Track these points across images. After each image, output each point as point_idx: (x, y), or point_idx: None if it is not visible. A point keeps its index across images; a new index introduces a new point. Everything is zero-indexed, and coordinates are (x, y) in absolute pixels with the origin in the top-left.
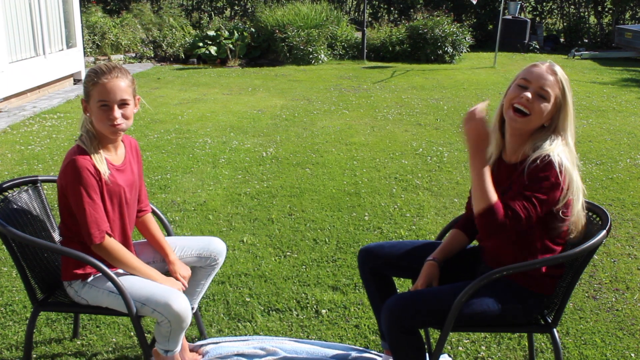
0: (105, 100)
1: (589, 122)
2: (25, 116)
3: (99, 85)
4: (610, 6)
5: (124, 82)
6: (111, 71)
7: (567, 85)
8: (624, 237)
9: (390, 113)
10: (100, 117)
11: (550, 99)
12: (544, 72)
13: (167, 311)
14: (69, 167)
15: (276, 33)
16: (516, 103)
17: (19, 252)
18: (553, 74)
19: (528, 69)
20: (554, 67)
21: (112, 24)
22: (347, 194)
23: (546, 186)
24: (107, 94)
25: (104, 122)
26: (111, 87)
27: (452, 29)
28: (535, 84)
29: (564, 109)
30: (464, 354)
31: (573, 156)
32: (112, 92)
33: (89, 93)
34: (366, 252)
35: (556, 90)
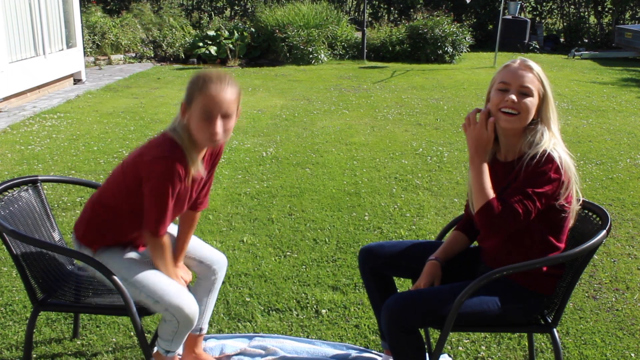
0: (209, 112)
1: (589, 122)
2: (25, 116)
3: (206, 94)
4: (610, 6)
5: (233, 95)
6: (222, 81)
7: (544, 76)
8: (624, 237)
9: (390, 113)
10: (201, 128)
11: (534, 94)
12: (520, 70)
13: (178, 313)
14: (162, 164)
15: (276, 33)
16: (503, 107)
17: (18, 252)
18: (529, 70)
19: (503, 71)
20: (527, 63)
21: (112, 23)
22: (347, 194)
23: (544, 180)
24: (213, 106)
25: (203, 133)
26: (220, 100)
27: (452, 28)
28: (515, 84)
29: (546, 100)
30: (464, 354)
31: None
32: (219, 105)
33: (192, 98)
34: (366, 252)
35: (536, 83)
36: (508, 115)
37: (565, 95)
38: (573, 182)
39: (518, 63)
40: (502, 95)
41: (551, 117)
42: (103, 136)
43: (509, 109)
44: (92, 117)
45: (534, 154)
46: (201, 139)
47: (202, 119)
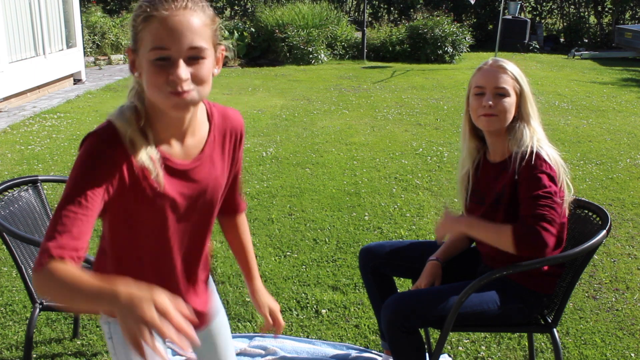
0: (163, 48)
1: (589, 122)
2: (25, 116)
3: (154, 21)
4: (610, 6)
5: (198, 18)
6: (184, 1)
7: (518, 73)
8: (624, 237)
9: (390, 113)
10: (154, 78)
11: (510, 93)
12: (493, 72)
13: None
14: (82, 144)
15: (276, 33)
16: (482, 113)
17: (18, 252)
18: (502, 70)
19: (477, 75)
20: (499, 63)
21: (112, 23)
22: (347, 194)
23: (546, 179)
24: (167, 35)
25: (159, 87)
26: (175, 25)
27: (452, 29)
28: (490, 86)
29: (524, 97)
30: (464, 354)
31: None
32: (176, 33)
33: (137, 35)
34: (367, 252)
35: (510, 82)
36: (488, 117)
37: (565, 95)
38: (562, 174)
39: (490, 64)
40: (479, 100)
41: (530, 113)
42: None
43: (486, 112)
44: (92, 117)
45: (522, 154)
46: (159, 98)
47: (153, 64)
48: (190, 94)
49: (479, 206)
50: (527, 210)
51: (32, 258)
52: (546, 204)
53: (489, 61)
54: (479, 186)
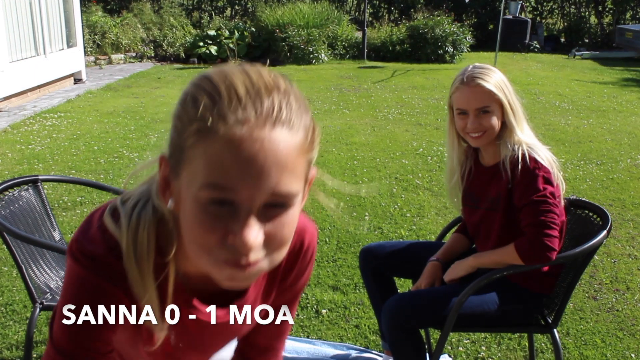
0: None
1: (589, 122)
2: (26, 115)
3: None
4: (610, 6)
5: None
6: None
7: (496, 84)
8: (625, 238)
9: (391, 113)
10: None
11: (493, 108)
12: (471, 94)
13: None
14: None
15: (277, 33)
16: (468, 133)
17: (19, 251)
18: (478, 88)
19: (455, 96)
20: (475, 80)
21: (113, 23)
22: (347, 194)
23: (542, 182)
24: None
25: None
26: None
27: (453, 28)
28: (472, 109)
29: (504, 107)
30: (464, 354)
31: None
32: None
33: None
34: (367, 252)
35: (490, 97)
36: (475, 138)
37: (566, 95)
38: (557, 172)
39: (466, 84)
40: (464, 120)
41: (516, 119)
42: (103, 136)
43: (474, 133)
44: (92, 116)
45: (512, 158)
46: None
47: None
48: (257, 266)
49: (474, 210)
50: (526, 218)
51: (32, 258)
52: (544, 209)
53: (464, 76)
54: (472, 189)
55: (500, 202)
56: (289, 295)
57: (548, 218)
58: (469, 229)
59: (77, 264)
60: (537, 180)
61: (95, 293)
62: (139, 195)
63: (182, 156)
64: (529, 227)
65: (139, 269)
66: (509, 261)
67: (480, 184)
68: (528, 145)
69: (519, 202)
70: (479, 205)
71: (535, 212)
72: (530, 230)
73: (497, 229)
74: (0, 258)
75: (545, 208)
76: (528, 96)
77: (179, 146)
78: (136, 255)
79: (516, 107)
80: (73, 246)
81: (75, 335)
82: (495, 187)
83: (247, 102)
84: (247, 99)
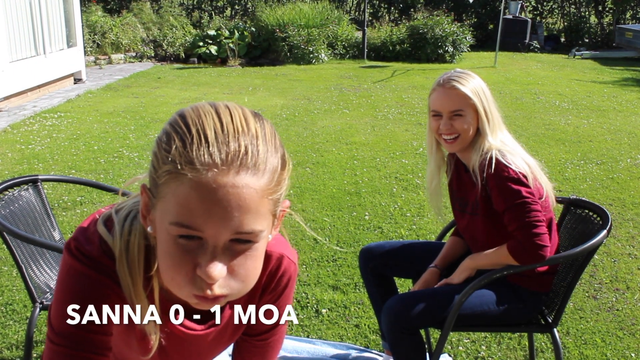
0: (191, 228)
1: (589, 121)
2: (26, 115)
3: (185, 183)
4: (610, 6)
5: (258, 183)
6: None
7: (472, 89)
8: (625, 237)
9: (391, 112)
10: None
11: (467, 112)
12: (446, 96)
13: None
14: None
15: (277, 32)
16: (442, 135)
17: (19, 251)
18: (453, 90)
19: (432, 96)
20: (451, 83)
21: (113, 23)
22: (347, 194)
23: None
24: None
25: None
26: (218, 199)
27: (453, 28)
28: (445, 111)
29: (480, 112)
30: (464, 354)
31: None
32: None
33: (157, 183)
34: (367, 252)
35: (464, 101)
36: (448, 142)
37: (566, 94)
38: (532, 171)
39: (442, 85)
40: (437, 122)
41: (487, 128)
42: (103, 135)
43: (447, 136)
44: (92, 116)
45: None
46: (175, 291)
47: (174, 239)
48: (223, 298)
49: (462, 214)
50: (512, 223)
51: (32, 257)
52: (526, 210)
53: (442, 78)
54: (459, 194)
55: (479, 206)
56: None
57: (532, 218)
58: (461, 232)
59: (74, 261)
60: (509, 183)
61: (94, 285)
62: (132, 206)
63: (157, 190)
64: (517, 231)
65: (131, 275)
66: (505, 262)
67: (465, 187)
68: (498, 150)
69: (499, 208)
70: (465, 210)
71: (518, 215)
72: (519, 233)
73: (481, 233)
74: (0, 258)
75: (526, 209)
76: (528, 96)
77: (154, 181)
78: (128, 262)
79: (492, 114)
80: (71, 244)
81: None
82: (473, 192)
83: (213, 147)
84: (214, 144)
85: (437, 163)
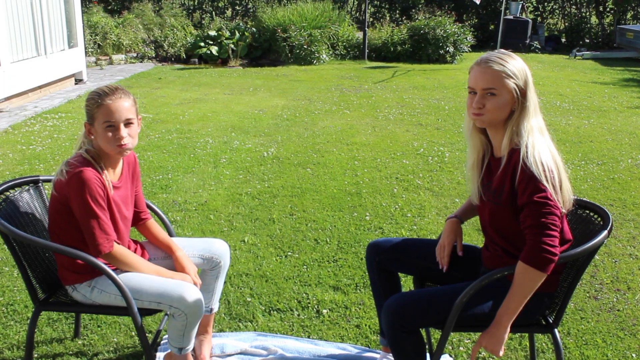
0: (111, 121)
1: (590, 122)
2: (27, 116)
3: (103, 107)
4: (611, 6)
5: (127, 102)
6: (114, 92)
7: (509, 70)
8: (625, 238)
9: (392, 113)
10: (107, 138)
11: (501, 91)
12: (480, 73)
13: (182, 304)
14: (74, 178)
15: (278, 33)
16: (472, 112)
17: (20, 251)
18: (488, 69)
19: (469, 76)
20: (488, 62)
21: (114, 23)
22: (348, 194)
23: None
24: (112, 114)
25: (110, 143)
26: (116, 108)
27: (454, 29)
28: (479, 88)
29: (515, 94)
30: (465, 354)
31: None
32: (117, 112)
33: (93, 115)
34: (375, 246)
35: (500, 80)
36: (475, 114)
37: (567, 95)
38: (557, 172)
39: (479, 64)
40: (471, 99)
41: (521, 112)
42: None
43: (476, 112)
44: None
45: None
46: (111, 149)
47: (106, 130)
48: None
49: (483, 202)
50: (527, 220)
51: (34, 258)
52: (545, 210)
53: (481, 59)
54: (487, 180)
55: (504, 195)
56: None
57: (549, 220)
58: (480, 218)
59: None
60: (538, 180)
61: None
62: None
63: (93, 116)
64: (530, 229)
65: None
66: (532, 282)
67: (492, 176)
68: (533, 141)
69: (520, 201)
70: (490, 198)
71: (536, 213)
72: (532, 232)
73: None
74: (1, 258)
75: (546, 210)
76: None
77: (90, 114)
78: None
79: (529, 99)
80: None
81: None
82: (500, 178)
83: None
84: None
85: (473, 144)
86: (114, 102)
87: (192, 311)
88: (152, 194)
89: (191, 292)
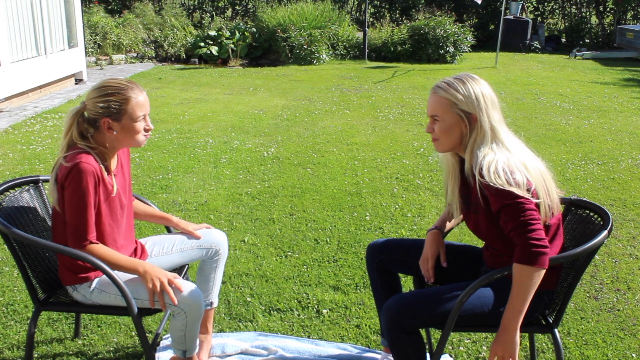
0: (144, 113)
1: (590, 122)
2: (27, 116)
3: (133, 101)
4: (611, 6)
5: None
6: (132, 86)
7: (453, 97)
8: (625, 238)
9: (392, 113)
10: (138, 130)
11: (443, 117)
12: (429, 99)
13: (180, 302)
14: (74, 169)
15: (278, 33)
16: None
17: (20, 251)
18: (433, 96)
19: None
20: (435, 89)
21: (114, 23)
22: (348, 194)
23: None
24: (143, 106)
25: (141, 134)
26: (144, 99)
27: (454, 29)
28: (429, 114)
29: (463, 118)
30: (465, 354)
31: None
32: (147, 103)
33: (121, 111)
34: (374, 246)
35: (444, 106)
36: (433, 141)
37: (567, 95)
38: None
39: (432, 88)
40: None
41: (478, 135)
42: None
43: (432, 136)
44: None
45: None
46: (141, 141)
47: (137, 123)
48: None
49: (468, 212)
50: (507, 225)
51: (34, 258)
52: (520, 209)
53: (437, 82)
54: (465, 192)
55: (479, 206)
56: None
57: (527, 216)
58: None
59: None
60: (501, 188)
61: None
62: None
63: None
64: (513, 232)
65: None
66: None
67: (466, 187)
68: (488, 160)
69: (494, 209)
70: (469, 208)
71: (513, 215)
72: (516, 233)
73: (485, 230)
74: (1, 258)
75: (520, 207)
76: (529, 96)
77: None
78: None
79: (483, 122)
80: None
81: None
82: (474, 194)
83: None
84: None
85: (445, 165)
86: (141, 94)
87: (191, 309)
88: (152, 193)
89: (191, 291)
